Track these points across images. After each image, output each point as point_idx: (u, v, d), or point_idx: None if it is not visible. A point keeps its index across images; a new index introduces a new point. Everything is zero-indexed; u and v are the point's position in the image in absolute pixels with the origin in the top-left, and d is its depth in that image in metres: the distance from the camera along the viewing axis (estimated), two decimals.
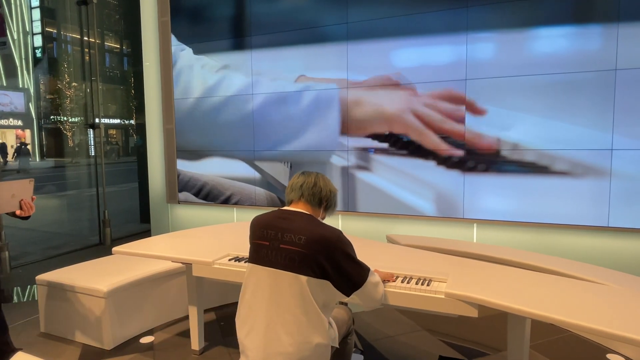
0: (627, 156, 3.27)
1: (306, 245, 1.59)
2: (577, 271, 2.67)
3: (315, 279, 1.59)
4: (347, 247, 1.64)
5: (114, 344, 2.88)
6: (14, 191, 2.24)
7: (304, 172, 1.85)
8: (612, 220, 3.35)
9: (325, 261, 1.58)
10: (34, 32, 24.80)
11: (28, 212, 2.32)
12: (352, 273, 1.63)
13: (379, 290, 1.74)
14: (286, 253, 1.61)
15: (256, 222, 1.77)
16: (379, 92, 3.99)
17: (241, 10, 4.58)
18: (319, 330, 1.62)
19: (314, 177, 1.81)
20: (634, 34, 3.18)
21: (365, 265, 1.69)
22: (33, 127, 25.05)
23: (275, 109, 4.46)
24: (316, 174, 1.83)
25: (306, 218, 1.70)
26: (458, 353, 2.74)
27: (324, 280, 1.61)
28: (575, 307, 1.69)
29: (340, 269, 1.61)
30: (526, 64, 3.49)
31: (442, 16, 3.73)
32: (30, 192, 2.33)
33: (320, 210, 1.81)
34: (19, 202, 2.27)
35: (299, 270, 1.59)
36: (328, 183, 1.84)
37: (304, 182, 1.78)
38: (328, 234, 1.62)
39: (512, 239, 3.72)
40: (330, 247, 1.59)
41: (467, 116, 3.68)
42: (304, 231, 1.62)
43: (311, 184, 1.78)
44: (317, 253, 1.58)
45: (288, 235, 1.63)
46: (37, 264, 4.94)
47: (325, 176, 1.86)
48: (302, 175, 1.82)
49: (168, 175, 5.17)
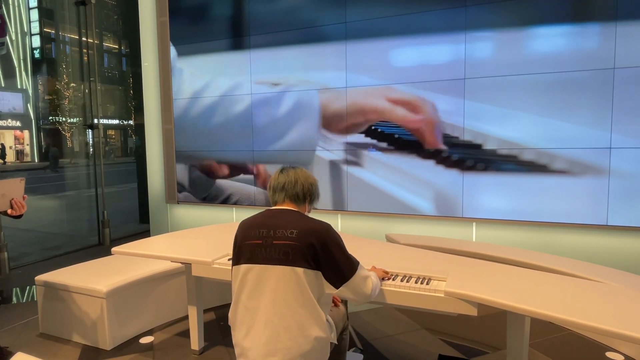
0: (626, 154, 3.27)
1: (298, 238, 1.62)
2: (576, 269, 2.67)
3: (310, 270, 1.62)
4: (338, 238, 1.68)
5: (113, 345, 2.88)
6: (4, 190, 2.23)
7: (283, 170, 1.87)
8: (611, 219, 3.36)
9: (320, 250, 1.62)
10: (32, 32, 24.77)
11: (19, 211, 2.30)
12: (341, 265, 1.65)
13: (367, 284, 1.74)
14: (280, 248, 1.63)
15: (246, 224, 1.79)
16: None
17: (239, 10, 4.58)
18: (317, 322, 1.63)
19: (293, 175, 1.83)
20: (631, 33, 3.19)
21: (354, 258, 1.72)
22: (32, 127, 25.03)
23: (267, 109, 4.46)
24: (294, 170, 1.86)
25: (294, 214, 1.74)
26: (458, 352, 2.74)
27: (317, 271, 1.64)
28: (574, 305, 1.69)
29: (331, 259, 1.64)
30: (524, 63, 3.50)
31: (440, 15, 3.73)
32: (21, 192, 2.31)
33: (306, 205, 1.85)
34: (9, 201, 2.26)
35: (294, 263, 1.61)
36: (308, 177, 1.86)
37: (285, 182, 1.81)
38: (318, 226, 1.66)
39: (511, 237, 3.72)
40: (322, 237, 1.63)
41: (466, 115, 3.69)
42: (294, 225, 1.66)
43: (292, 182, 1.81)
44: (310, 243, 1.61)
45: (280, 231, 1.66)
46: (36, 265, 4.93)
47: (303, 169, 1.88)
48: (282, 174, 1.84)
49: (167, 176, 5.17)
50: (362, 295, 1.74)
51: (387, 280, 1.97)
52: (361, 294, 1.73)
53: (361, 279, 1.71)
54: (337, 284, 1.66)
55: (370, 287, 1.75)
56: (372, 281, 1.76)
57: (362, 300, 1.78)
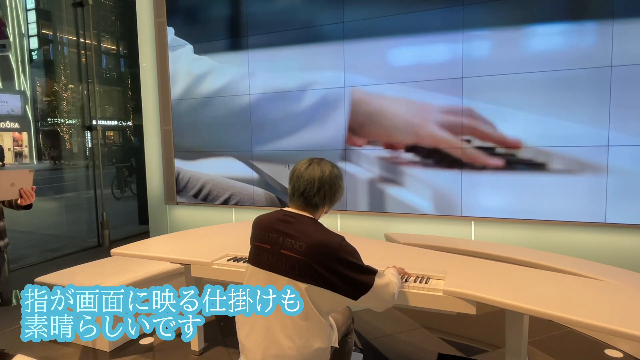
0: (624, 152, 3.28)
1: (306, 253, 1.54)
2: (575, 267, 2.68)
3: (315, 287, 1.55)
4: (349, 254, 1.57)
5: (113, 346, 2.89)
6: (13, 180, 2.27)
7: (309, 166, 1.67)
8: (609, 217, 3.37)
9: (325, 270, 1.53)
10: (30, 34, 24.70)
11: (28, 200, 2.36)
12: (357, 279, 1.56)
13: (389, 291, 1.65)
14: (286, 259, 1.57)
15: (258, 223, 1.73)
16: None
17: (237, 11, 4.58)
18: (319, 335, 1.60)
19: (318, 177, 1.65)
20: (629, 31, 3.20)
21: (371, 268, 1.62)
22: (30, 129, 24.98)
23: (275, 107, 4.47)
24: (320, 169, 1.66)
25: (308, 222, 1.64)
26: (457, 350, 2.75)
27: (326, 290, 1.56)
28: (573, 303, 1.70)
29: (344, 276, 1.55)
30: (522, 62, 3.50)
31: (438, 14, 3.74)
32: (30, 182, 2.36)
33: (324, 208, 1.72)
34: (18, 190, 2.30)
35: (298, 278, 1.55)
36: (334, 181, 1.67)
37: (306, 189, 1.65)
38: (329, 241, 1.56)
39: (509, 236, 3.73)
40: (330, 255, 1.54)
41: (464, 115, 3.69)
42: (305, 238, 1.57)
43: (314, 189, 1.64)
44: (316, 261, 1.54)
45: (289, 241, 1.58)
46: (35, 267, 4.93)
47: (332, 167, 1.70)
48: (306, 172, 1.66)
49: (166, 177, 5.17)
50: (384, 302, 1.66)
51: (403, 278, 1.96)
52: (382, 301, 1.65)
53: (381, 287, 1.61)
54: (356, 296, 1.58)
55: (392, 292, 1.66)
56: (392, 286, 1.67)
57: (384, 307, 1.68)
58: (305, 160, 1.72)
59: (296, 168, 1.70)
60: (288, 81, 4.37)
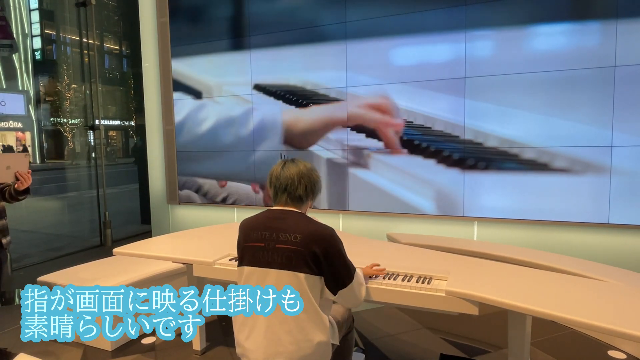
0: (627, 153, 3.26)
1: (302, 243, 1.60)
2: (578, 268, 2.66)
3: (312, 275, 1.60)
4: (340, 244, 1.66)
5: (115, 345, 2.89)
6: (9, 163, 2.27)
7: (284, 166, 1.74)
8: (613, 217, 3.35)
9: (322, 256, 1.60)
10: (33, 34, 24.79)
11: (25, 183, 2.33)
12: (341, 272, 1.65)
13: (362, 291, 1.77)
14: (282, 252, 1.61)
15: (247, 224, 1.75)
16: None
17: (239, 11, 4.58)
18: (319, 327, 1.62)
19: (295, 173, 1.71)
20: (632, 30, 3.18)
21: (352, 264, 1.71)
22: (33, 129, 25.06)
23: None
24: (296, 167, 1.73)
25: (298, 216, 1.70)
26: (459, 351, 2.74)
27: (320, 277, 1.63)
28: (576, 304, 1.69)
29: (332, 266, 1.62)
30: (525, 61, 3.49)
31: (440, 14, 3.73)
32: (26, 166, 2.35)
33: (308, 203, 1.78)
34: (14, 173, 2.29)
35: (296, 268, 1.59)
36: (310, 174, 1.75)
37: (287, 184, 1.71)
38: (322, 232, 1.63)
39: (512, 236, 3.71)
40: (325, 243, 1.61)
41: (466, 114, 3.68)
42: (298, 229, 1.63)
43: (295, 183, 1.70)
44: (313, 249, 1.59)
45: (284, 235, 1.63)
46: (38, 266, 4.94)
47: (305, 164, 1.77)
48: (283, 171, 1.73)
49: (168, 176, 5.17)
50: (356, 300, 1.74)
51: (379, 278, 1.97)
52: (355, 298, 1.73)
53: (357, 285, 1.71)
54: (335, 289, 1.65)
55: (364, 293, 1.77)
56: (364, 288, 1.79)
57: (353, 305, 1.79)
58: (278, 162, 1.79)
59: (273, 170, 1.77)
60: (289, 81, 4.36)
